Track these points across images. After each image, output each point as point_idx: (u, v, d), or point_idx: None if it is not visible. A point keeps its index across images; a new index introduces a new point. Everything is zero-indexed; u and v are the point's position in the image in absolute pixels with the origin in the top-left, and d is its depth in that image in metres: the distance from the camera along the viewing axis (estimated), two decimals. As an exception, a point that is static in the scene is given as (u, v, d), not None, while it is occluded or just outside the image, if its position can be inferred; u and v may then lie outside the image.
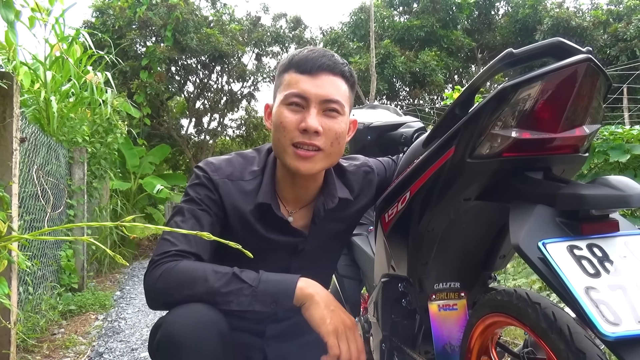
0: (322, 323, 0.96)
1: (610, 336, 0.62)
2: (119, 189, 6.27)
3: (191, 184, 1.12)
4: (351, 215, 1.22)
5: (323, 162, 1.08)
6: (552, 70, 0.77)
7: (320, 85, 1.05)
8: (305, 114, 1.04)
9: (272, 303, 0.97)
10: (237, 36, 11.61)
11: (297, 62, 1.07)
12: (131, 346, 2.82)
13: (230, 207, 1.11)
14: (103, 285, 4.59)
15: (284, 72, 1.09)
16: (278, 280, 0.99)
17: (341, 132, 1.07)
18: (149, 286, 0.99)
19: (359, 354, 0.98)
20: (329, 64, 1.06)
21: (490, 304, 0.90)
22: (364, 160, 1.28)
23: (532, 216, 0.77)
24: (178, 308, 0.93)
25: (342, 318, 0.99)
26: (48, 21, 3.68)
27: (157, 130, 11.37)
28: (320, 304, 0.97)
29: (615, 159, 3.06)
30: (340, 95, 1.07)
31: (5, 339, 2.15)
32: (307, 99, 1.04)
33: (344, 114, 1.08)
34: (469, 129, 0.85)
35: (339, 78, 1.08)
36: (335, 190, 1.16)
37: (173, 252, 1.00)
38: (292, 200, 1.17)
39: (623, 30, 12.06)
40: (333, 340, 0.96)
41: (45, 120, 3.64)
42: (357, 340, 0.99)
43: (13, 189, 2.11)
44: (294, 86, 1.05)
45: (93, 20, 10.34)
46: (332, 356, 0.96)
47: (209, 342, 0.90)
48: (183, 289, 0.95)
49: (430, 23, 13.53)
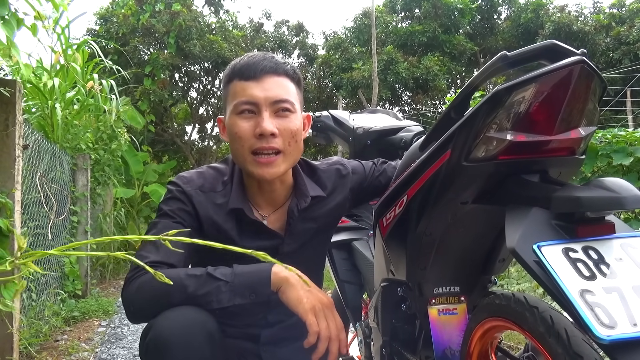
0: (299, 303, 0.97)
1: (605, 339, 0.62)
2: (124, 196, 6.29)
3: (164, 200, 1.13)
4: (326, 213, 1.22)
5: (285, 164, 1.09)
6: (546, 73, 0.77)
7: (267, 88, 1.06)
8: (258, 119, 1.05)
9: (250, 294, 0.97)
10: (240, 42, 11.68)
11: (240, 69, 1.08)
12: (134, 352, 2.82)
13: (204, 218, 1.12)
14: (106, 291, 4.60)
15: (229, 83, 1.10)
16: (252, 272, 1.00)
17: (297, 130, 1.09)
18: (128, 300, 1.00)
19: (338, 331, 0.99)
20: (272, 66, 1.08)
21: (488, 308, 0.89)
22: (338, 159, 1.30)
23: (527, 219, 0.76)
24: (167, 311, 0.94)
25: (319, 297, 1.00)
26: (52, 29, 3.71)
27: (161, 137, 11.43)
28: (296, 285, 0.99)
29: (618, 162, 3.04)
30: (288, 94, 1.09)
31: (8, 345, 2.16)
32: (257, 104, 1.05)
33: (295, 111, 1.10)
34: (464, 132, 0.85)
35: (284, 78, 1.09)
36: (306, 189, 1.18)
37: (146, 264, 1.01)
38: (264, 204, 1.18)
39: (626, 33, 12.03)
40: (312, 318, 0.97)
41: (50, 127, 3.67)
42: (335, 318, 1.00)
43: (16, 196, 2.12)
44: (242, 94, 1.06)
45: (97, 28, 10.43)
46: (312, 334, 0.96)
47: (197, 341, 0.91)
48: (161, 298, 0.96)
49: (432, 28, 13.54)
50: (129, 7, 10.41)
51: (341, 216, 1.33)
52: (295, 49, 14.23)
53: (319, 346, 0.97)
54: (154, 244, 1.03)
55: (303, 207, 1.16)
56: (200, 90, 12.42)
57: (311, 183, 1.20)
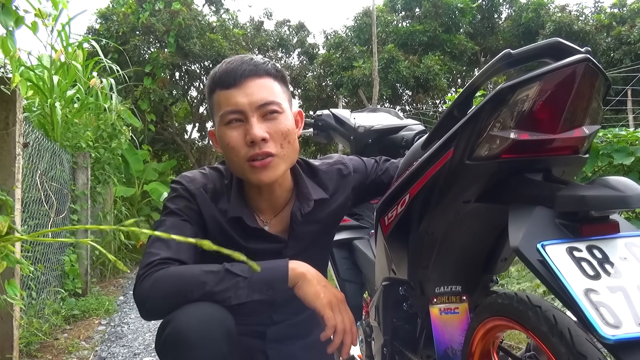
0: (317, 298, 1.00)
1: (610, 339, 0.62)
2: (124, 195, 6.29)
3: (169, 198, 1.12)
4: (329, 214, 1.21)
5: (282, 165, 1.07)
6: (550, 71, 0.76)
7: (250, 92, 1.03)
8: (246, 126, 1.03)
9: (268, 290, 0.98)
10: (240, 41, 11.66)
11: (220, 78, 1.05)
12: (134, 351, 2.82)
13: (208, 216, 1.11)
14: (107, 290, 4.60)
15: (212, 94, 1.08)
16: (270, 267, 1.00)
17: (288, 130, 1.07)
18: (142, 298, 0.97)
19: (351, 324, 1.03)
20: (251, 69, 1.05)
21: (491, 307, 0.89)
22: (339, 158, 1.27)
23: (531, 218, 0.76)
24: (185, 307, 0.93)
25: (334, 292, 1.04)
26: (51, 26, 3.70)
27: (161, 136, 11.42)
28: (313, 280, 1.01)
29: (619, 162, 3.04)
30: (273, 95, 1.06)
31: (9, 343, 2.15)
32: (243, 112, 1.03)
33: (283, 111, 1.07)
34: (467, 131, 0.85)
35: (266, 78, 1.06)
36: (309, 192, 1.16)
37: (157, 261, 0.99)
38: (265, 208, 1.17)
39: (627, 33, 12.03)
40: (329, 312, 1.00)
41: (50, 126, 3.67)
42: (348, 312, 1.04)
43: (16, 194, 2.11)
44: (226, 103, 1.04)
45: (97, 27, 10.42)
46: (330, 327, 1.00)
47: (215, 338, 0.91)
48: (179, 295, 0.95)
49: (433, 27, 13.53)
50: (129, 5, 10.40)
51: (343, 215, 1.33)
52: (295, 47, 14.22)
53: (334, 339, 1.01)
54: (163, 241, 1.02)
55: (307, 211, 1.15)
56: (200, 89, 12.41)
57: (313, 185, 1.18)
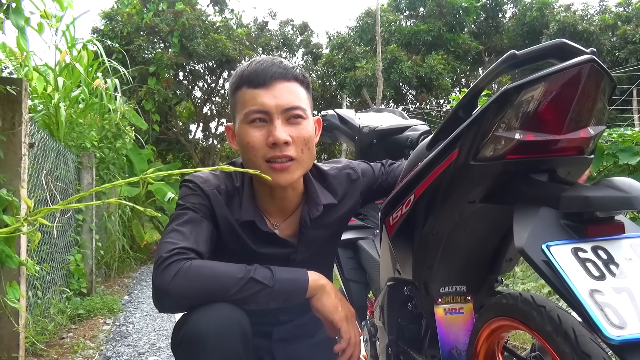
0: (335, 311, 1.03)
1: (615, 340, 0.62)
2: (128, 195, 6.30)
3: (183, 196, 1.11)
4: (338, 219, 1.22)
5: (299, 170, 1.08)
6: (555, 72, 0.76)
7: (277, 95, 1.03)
8: (270, 127, 1.03)
9: (285, 300, 1.00)
10: (244, 41, 11.66)
11: (248, 76, 1.05)
12: (139, 350, 2.83)
13: (221, 218, 1.11)
14: (111, 289, 4.61)
15: (237, 90, 1.07)
16: (292, 279, 1.01)
17: (309, 137, 1.07)
18: (162, 287, 0.93)
19: (358, 337, 1.08)
20: (281, 72, 1.05)
21: (495, 307, 0.89)
22: (347, 162, 1.27)
23: (536, 218, 0.76)
24: (202, 307, 0.93)
25: (348, 305, 1.09)
26: (57, 27, 3.73)
27: (165, 135, 11.44)
28: (331, 293, 1.04)
29: (624, 162, 3.03)
30: (299, 100, 1.06)
31: (14, 342, 2.17)
32: (268, 113, 1.03)
33: (307, 117, 1.07)
34: (472, 131, 0.85)
35: (294, 83, 1.07)
36: (318, 197, 1.16)
37: (177, 250, 0.98)
38: (275, 212, 1.17)
39: (632, 32, 11.96)
40: (346, 326, 1.04)
41: (55, 126, 3.69)
42: (357, 326, 1.10)
43: (22, 194, 2.13)
44: (252, 102, 1.04)
45: (102, 27, 10.45)
46: (345, 340, 1.04)
47: (231, 340, 0.91)
48: (202, 294, 0.94)
49: (436, 27, 13.49)
50: (133, 5, 10.42)
51: (350, 219, 1.33)
52: (299, 47, 14.22)
53: (347, 351, 1.05)
54: (179, 231, 1.02)
55: (315, 215, 1.15)
56: (204, 89, 12.42)
57: (322, 190, 1.18)
